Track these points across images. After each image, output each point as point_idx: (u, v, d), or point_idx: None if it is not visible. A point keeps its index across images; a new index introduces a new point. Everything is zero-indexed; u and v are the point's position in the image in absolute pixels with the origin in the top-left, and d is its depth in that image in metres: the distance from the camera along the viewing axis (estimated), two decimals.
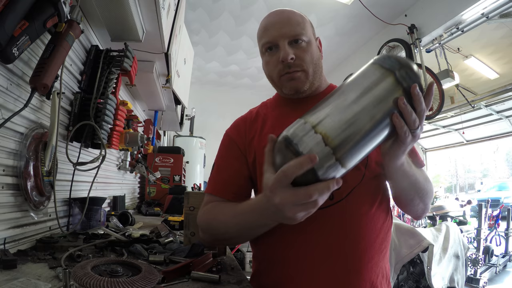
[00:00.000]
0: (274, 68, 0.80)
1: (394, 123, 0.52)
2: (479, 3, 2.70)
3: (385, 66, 0.53)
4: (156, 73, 1.90)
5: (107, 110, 1.24)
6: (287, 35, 0.77)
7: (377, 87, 0.52)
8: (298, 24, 0.78)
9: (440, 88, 3.23)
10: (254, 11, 3.51)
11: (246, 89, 5.91)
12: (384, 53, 0.60)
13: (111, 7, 1.21)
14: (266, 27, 0.81)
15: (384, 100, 0.51)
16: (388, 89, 0.52)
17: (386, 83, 0.52)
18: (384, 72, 0.53)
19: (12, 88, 0.84)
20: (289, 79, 0.79)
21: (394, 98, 0.51)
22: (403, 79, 0.52)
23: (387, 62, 0.54)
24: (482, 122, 5.71)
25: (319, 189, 0.47)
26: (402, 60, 0.54)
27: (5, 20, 0.69)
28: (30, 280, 0.60)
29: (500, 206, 5.51)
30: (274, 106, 0.90)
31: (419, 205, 0.77)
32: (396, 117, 0.51)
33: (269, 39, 0.79)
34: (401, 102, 0.51)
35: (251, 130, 0.86)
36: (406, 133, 0.53)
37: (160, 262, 0.82)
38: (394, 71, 0.52)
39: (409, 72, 0.53)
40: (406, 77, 0.52)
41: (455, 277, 2.74)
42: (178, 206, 2.19)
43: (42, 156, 0.96)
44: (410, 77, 0.53)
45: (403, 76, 0.52)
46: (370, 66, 0.56)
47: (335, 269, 0.70)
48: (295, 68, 0.78)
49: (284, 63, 0.77)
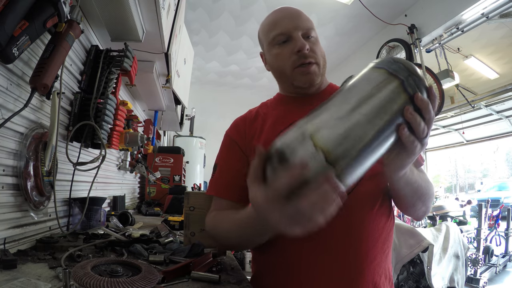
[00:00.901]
0: (287, 59, 0.79)
1: (401, 136, 0.48)
2: (479, 3, 2.70)
3: (390, 70, 0.49)
4: (156, 73, 1.90)
5: (107, 110, 1.24)
6: (301, 27, 0.77)
7: (381, 94, 0.47)
8: (308, 19, 0.80)
9: (440, 88, 3.23)
10: (254, 11, 3.51)
11: (246, 89, 5.91)
12: (388, 57, 0.58)
13: (111, 7, 1.21)
14: (275, 20, 0.81)
15: (390, 110, 0.46)
16: (393, 97, 0.47)
17: (392, 91, 0.47)
18: (389, 77, 0.48)
19: (12, 88, 0.84)
20: (304, 72, 0.78)
21: (400, 107, 0.47)
22: (409, 85, 0.48)
23: (392, 67, 0.50)
24: (482, 122, 5.71)
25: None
26: (408, 65, 0.50)
27: (5, 20, 0.69)
28: (30, 280, 0.60)
29: (500, 206, 5.51)
30: (275, 105, 0.89)
31: (421, 208, 0.76)
32: (403, 129, 0.47)
33: (282, 31, 0.78)
34: (407, 112, 0.47)
35: (251, 129, 0.86)
36: (414, 143, 0.50)
37: (160, 262, 0.82)
38: (400, 76, 0.48)
39: (415, 77, 0.49)
40: (412, 83, 0.48)
41: (455, 277, 2.74)
42: (178, 206, 2.19)
43: (42, 156, 0.96)
44: (416, 82, 0.48)
45: (410, 82, 0.48)
46: (373, 70, 0.52)
47: (337, 270, 0.69)
48: (310, 59, 0.77)
49: (300, 53, 0.76)
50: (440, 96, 3.21)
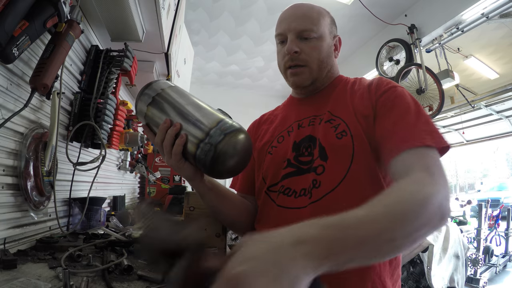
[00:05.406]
0: (281, 59, 0.82)
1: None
2: (479, 3, 2.70)
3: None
4: (156, 73, 1.90)
5: (107, 110, 1.24)
6: (296, 29, 0.78)
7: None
8: (310, 20, 0.79)
9: (440, 88, 3.23)
10: (254, 11, 3.51)
11: (246, 89, 5.91)
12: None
13: (111, 7, 1.21)
14: (280, 19, 0.83)
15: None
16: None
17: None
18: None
19: (12, 88, 0.84)
20: (293, 74, 0.81)
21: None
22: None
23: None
24: (482, 122, 5.70)
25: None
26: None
27: (5, 20, 0.69)
28: (30, 280, 0.60)
29: (500, 206, 5.52)
30: (284, 107, 0.93)
31: (408, 237, 0.43)
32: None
33: (280, 31, 0.82)
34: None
35: (257, 131, 0.92)
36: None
37: None
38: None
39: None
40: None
41: (455, 277, 2.74)
42: (178, 206, 2.19)
43: (42, 156, 0.96)
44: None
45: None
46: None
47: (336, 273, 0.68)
48: (298, 62, 0.79)
49: (289, 56, 0.79)
50: (440, 96, 3.21)
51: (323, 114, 0.78)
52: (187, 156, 0.64)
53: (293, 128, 0.81)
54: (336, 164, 0.70)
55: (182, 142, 0.62)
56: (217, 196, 0.77)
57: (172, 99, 0.67)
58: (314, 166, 0.72)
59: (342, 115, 0.75)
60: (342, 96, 0.80)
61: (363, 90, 0.76)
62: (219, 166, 0.59)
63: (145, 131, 0.71)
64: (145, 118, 0.70)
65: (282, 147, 0.80)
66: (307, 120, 0.80)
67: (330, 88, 0.85)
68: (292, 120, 0.84)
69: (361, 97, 0.75)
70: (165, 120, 0.64)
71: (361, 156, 0.70)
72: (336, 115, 0.76)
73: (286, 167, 0.76)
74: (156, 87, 0.69)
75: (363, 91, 0.76)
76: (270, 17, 3.49)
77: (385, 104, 0.69)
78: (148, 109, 0.68)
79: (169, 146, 0.64)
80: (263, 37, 3.94)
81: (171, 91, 0.69)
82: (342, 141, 0.71)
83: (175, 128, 0.63)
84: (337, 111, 0.76)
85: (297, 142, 0.78)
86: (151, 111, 0.68)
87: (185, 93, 0.70)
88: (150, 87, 0.69)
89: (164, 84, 0.70)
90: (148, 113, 0.68)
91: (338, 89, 0.82)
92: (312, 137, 0.76)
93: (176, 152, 0.63)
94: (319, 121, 0.77)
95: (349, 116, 0.74)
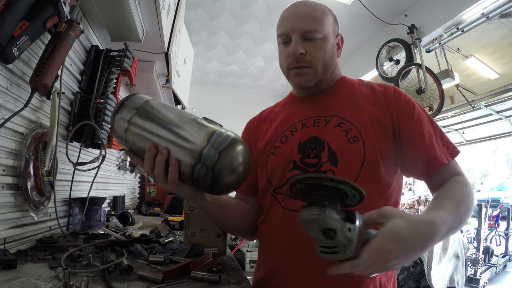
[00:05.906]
0: (284, 60, 0.80)
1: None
2: (479, 3, 2.69)
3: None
4: (156, 73, 1.90)
5: (107, 110, 1.24)
6: (301, 29, 0.76)
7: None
8: (315, 20, 0.77)
9: (440, 88, 3.23)
10: (254, 11, 3.51)
11: (246, 89, 5.91)
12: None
13: (111, 7, 1.21)
14: (283, 18, 0.81)
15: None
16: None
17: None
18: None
19: (12, 88, 0.84)
20: (297, 74, 0.79)
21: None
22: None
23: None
24: (482, 122, 5.69)
25: None
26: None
27: (5, 20, 0.69)
28: (30, 280, 0.60)
29: (500, 206, 5.51)
30: (285, 105, 0.91)
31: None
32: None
33: (283, 31, 0.79)
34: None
35: (257, 131, 0.90)
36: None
37: (160, 262, 0.82)
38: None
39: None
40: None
41: (455, 277, 2.74)
42: (178, 206, 2.19)
43: (42, 156, 0.96)
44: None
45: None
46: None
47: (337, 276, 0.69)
48: (303, 63, 0.77)
49: (293, 57, 0.77)
50: (440, 96, 3.21)
51: (328, 116, 0.77)
52: (183, 179, 0.60)
53: (296, 128, 0.80)
54: (346, 169, 0.71)
55: (176, 170, 0.57)
56: (218, 207, 0.75)
57: (151, 118, 0.60)
58: (322, 170, 0.71)
59: (353, 119, 0.74)
60: (349, 99, 0.79)
61: (375, 97, 0.77)
62: (220, 185, 0.56)
63: (130, 157, 0.64)
64: (126, 144, 0.62)
65: (286, 148, 0.79)
66: (311, 120, 0.79)
67: (334, 89, 0.84)
68: (295, 119, 0.82)
69: (375, 104, 0.76)
70: (150, 147, 0.58)
71: (371, 164, 0.70)
72: (346, 119, 0.75)
73: (292, 169, 0.75)
74: (129, 107, 0.61)
75: (376, 97, 0.77)
76: (270, 17, 3.49)
77: (410, 121, 0.74)
78: (126, 134, 0.61)
79: (162, 175, 0.59)
80: (263, 37, 3.93)
81: (148, 108, 0.61)
82: (354, 146, 0.71)
83: (162, 155, 0.57)
84: (347, 115, 0.76)
85: (302, 142, 0.77)
86: (130, 136, 0.61)
87: (164, 107, 0.62)
88: (123, 107, 0.61)
89: (138, 100, 0.62)
90: (128, 138, 0.61)
91: (344, 91, 0.82)
92: (317, 138, 0.75)
93: (172, 180, 0.58)
94: (324, 122, 0.77)
95: (361, 121, 0.73)
